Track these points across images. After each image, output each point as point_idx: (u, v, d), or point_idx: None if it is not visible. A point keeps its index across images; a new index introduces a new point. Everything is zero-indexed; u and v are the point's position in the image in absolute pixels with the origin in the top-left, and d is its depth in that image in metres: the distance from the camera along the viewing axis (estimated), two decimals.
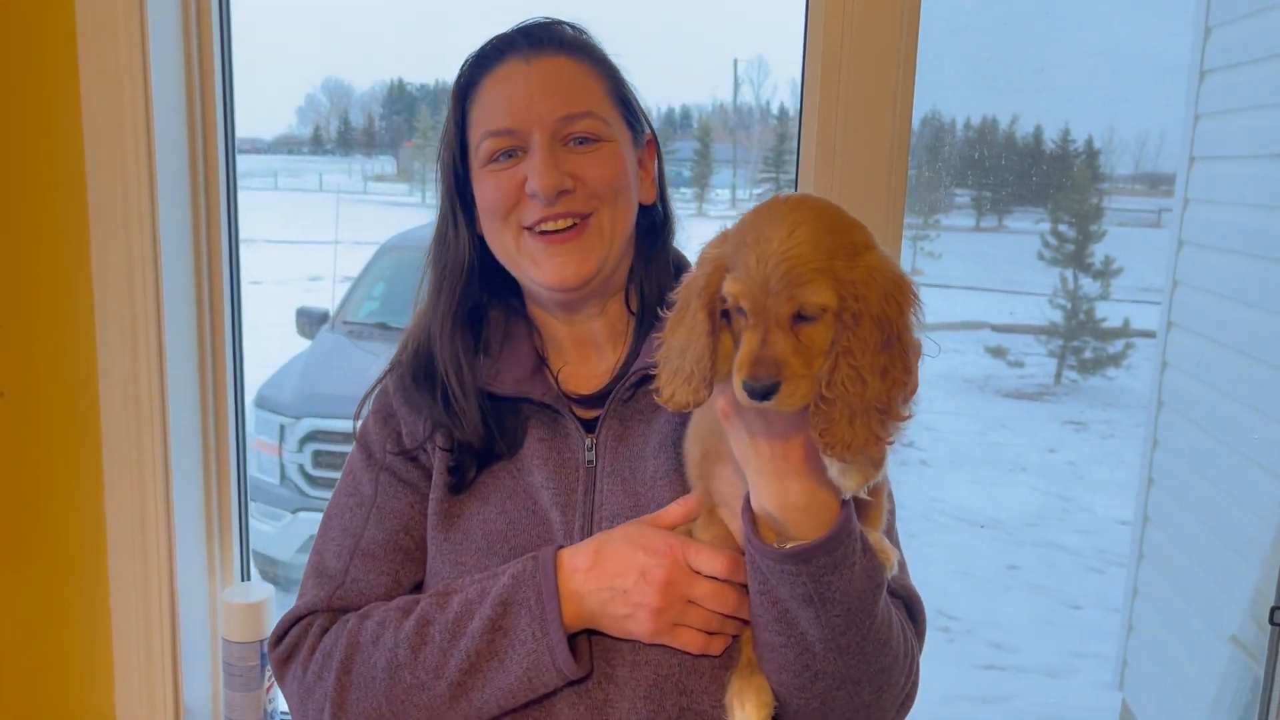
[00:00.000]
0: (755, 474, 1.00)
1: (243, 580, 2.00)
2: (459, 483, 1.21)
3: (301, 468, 4.66)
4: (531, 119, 1.17)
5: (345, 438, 5.11)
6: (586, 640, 1.11)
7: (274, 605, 1.90)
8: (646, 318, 1.24)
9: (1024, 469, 6.46)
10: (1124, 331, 7.97)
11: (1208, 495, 3.44)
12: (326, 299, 5.90)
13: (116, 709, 1.91)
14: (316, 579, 1.24)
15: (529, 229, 1.19)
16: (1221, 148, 3.61)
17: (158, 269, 1.77)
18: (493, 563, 1.16)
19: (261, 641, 1.88)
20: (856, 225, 0.95)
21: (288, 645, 1.22)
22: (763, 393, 0.91)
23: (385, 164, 12.75)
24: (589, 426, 1.21)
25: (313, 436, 4.63)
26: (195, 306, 1.87)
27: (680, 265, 1.29)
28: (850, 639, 1.01)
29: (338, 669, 1.15)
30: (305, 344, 5.57)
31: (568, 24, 1.25)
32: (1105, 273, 7.75)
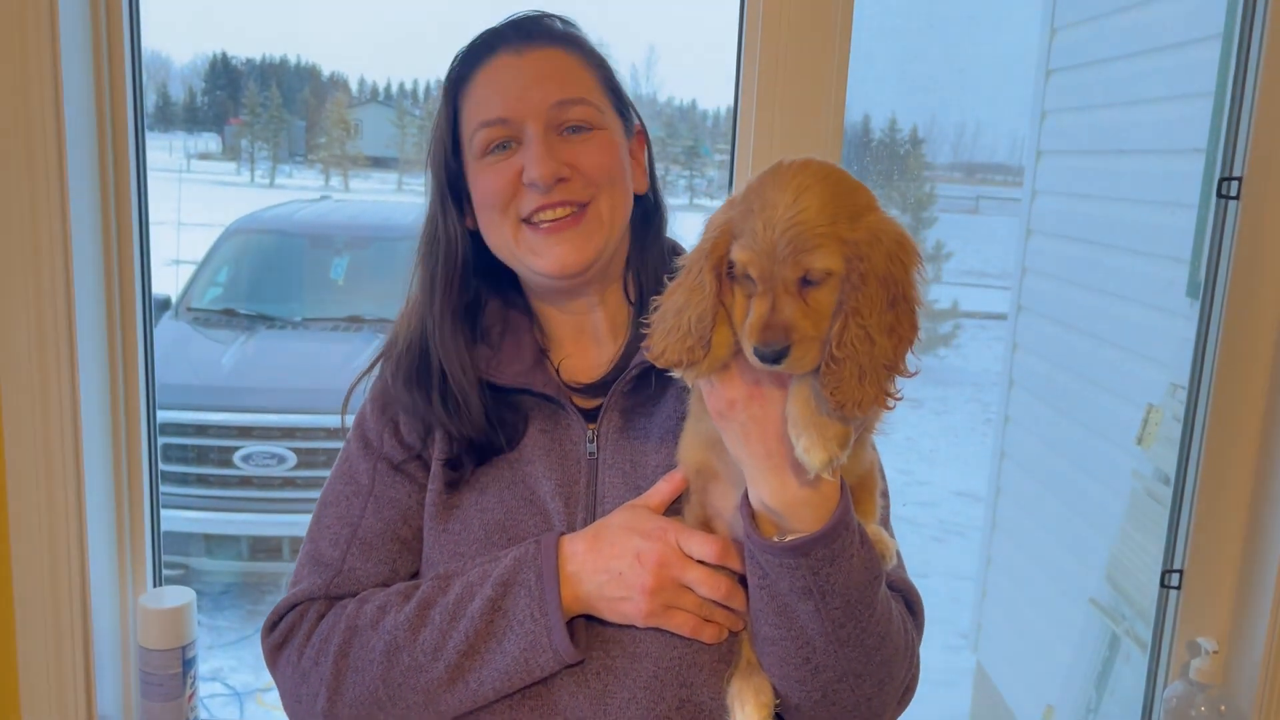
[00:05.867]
0: (753, 470, 1.01)
1: (154, 586, 1.91)
2: (456, 480, 1.20)
3: None
4: (525, 108, 1.16)
5: (198, 429, 4.86)
6: (584, 625, 1.13)
7: (195, 611, 1.83)
8: (645, 307, 1.24)
9: None
10: (954, 313, 8.41)
11: (1057, 468, 3.69)
12: (165, 284, 5.61)
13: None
14: (313, 566, 1.22)
15: (527, 221, 1.18)
16: (1065, 143, 3.86)
17: (68, 259, 1.67)
18: (491, 553, 1.16)
19: (183, 648, 1.80)
20: (859, 188, 0.96)
21: (282, 631, 1.20)
22: (774, 357, 0.92)
23: (210, 141, 12.13)
24: (589, 417, 1.22)
25: (161, 429, 4.41)
26: (105, 300, 1.77)
27: (676, 253, 1.30)
28: (850, 631, 1.03)
29: (335, 652, 1.14)
30: None
31: (557, 17, 1.24)
32: (937, 257, 8.15)
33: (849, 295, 0.93)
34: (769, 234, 0.92)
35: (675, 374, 1.02)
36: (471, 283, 1.25)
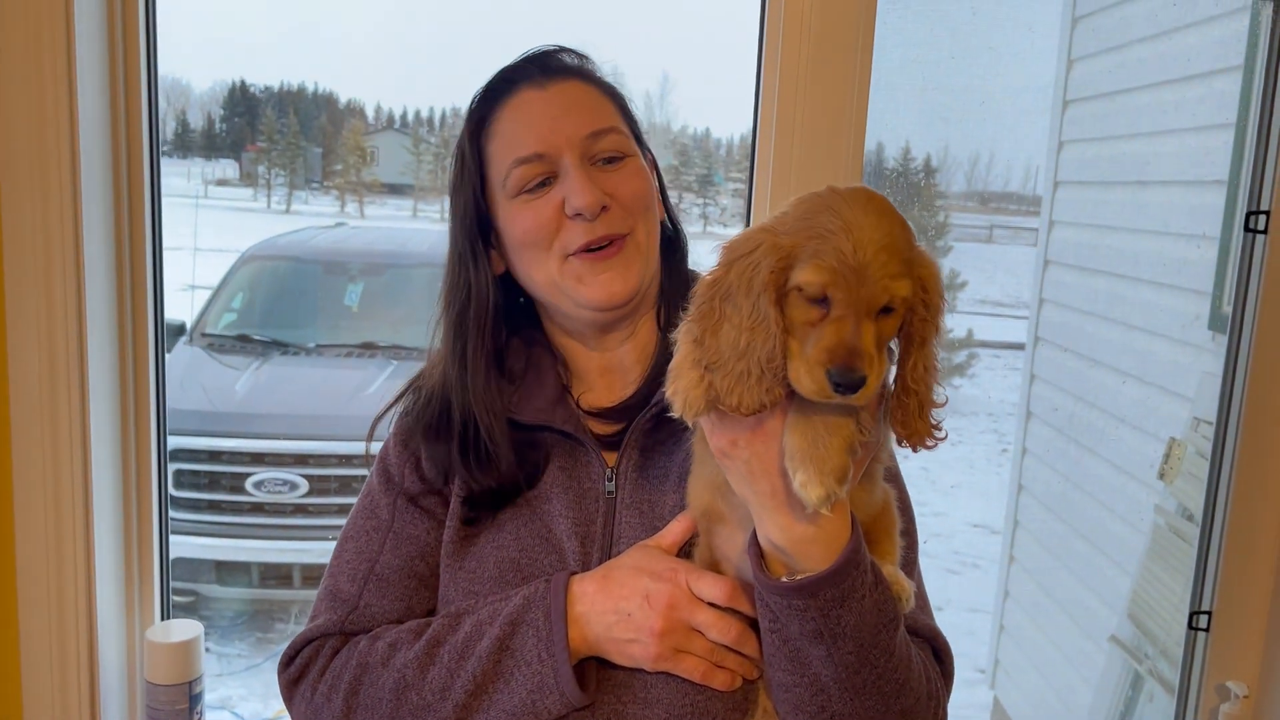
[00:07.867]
0: (759, 509, 0.98)
1: (163, 619, 1.88)
2: (473, 520, 1.19)
3: None
4: (559, 140, 1.15)
5: (211, 455, 4.85)
6: (593, 668, 1.10)
7: (203, 645, 1.80)
8: None
9: None
10: (969, 342, 8.37)
11: (1076, 501, 3.64)
12: (180, 310, 5.63)
13: None
14: (330, 602, 1.21)
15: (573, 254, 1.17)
16: (1083, 173, 3.83)
17: (80, 284, 1.66)
18: (505, 590, 1.15)
19: (190, 683, 1.77)
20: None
21: (298, 667, 1.20)
22: (854, 385, 0.87)
23: (227, 168, 12.23)
24: (609, 446, 1.20)
25: (174, 455, 4.41)
26: (117, 325, 1.75)
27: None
28: (865, 678, 0.99)
29: (346, 690, 1.14)
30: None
31: (570, 50, 1.24)
32: (951, 286, 8.12)
33: (917, 326, 0.93)
34: (861, 254, 0.88)
35: (675, 414, 0.97)
36: (501, 327, 1.23)
